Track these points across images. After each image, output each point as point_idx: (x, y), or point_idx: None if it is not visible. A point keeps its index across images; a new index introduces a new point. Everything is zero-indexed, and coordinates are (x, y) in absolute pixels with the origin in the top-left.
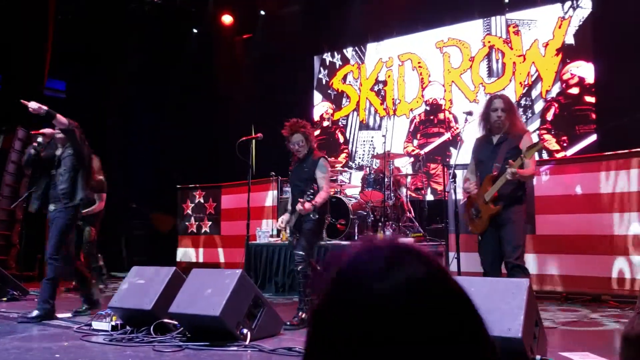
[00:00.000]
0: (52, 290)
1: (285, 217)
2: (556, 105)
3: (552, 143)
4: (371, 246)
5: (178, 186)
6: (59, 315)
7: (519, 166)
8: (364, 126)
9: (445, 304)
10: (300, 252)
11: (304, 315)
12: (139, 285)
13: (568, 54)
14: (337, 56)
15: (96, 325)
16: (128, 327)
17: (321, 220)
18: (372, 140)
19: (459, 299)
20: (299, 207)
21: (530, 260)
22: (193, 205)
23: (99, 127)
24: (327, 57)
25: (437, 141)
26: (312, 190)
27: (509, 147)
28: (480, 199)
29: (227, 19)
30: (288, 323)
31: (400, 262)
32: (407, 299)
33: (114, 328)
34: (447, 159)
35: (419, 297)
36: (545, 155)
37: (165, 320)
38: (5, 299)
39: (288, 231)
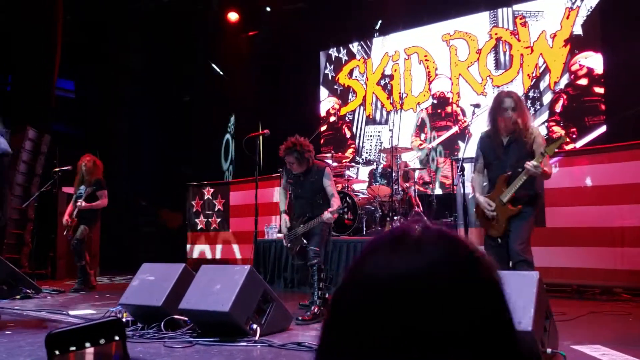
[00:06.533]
0: None
1: (287, 221)
2: (565, 96)
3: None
4: (394, 232)
5: (187, 183)
6: (71, 313)
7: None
8: (370, 121)
9: (469, 291)
10: (315, 248)
11: (316, 310)
12: (150, 282)
13: (576, 44)
14: (343, 51)
15: None
16: (139, 324)
17: (330, 223)
18: (379, 135)
19: (487, 287)
20: (326, 216)
21: (541, 253)
22: (202, 202)
23: (108, 126)
24: (333, 52)
25: (445, 135)
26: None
27: (521, 148)
28: (496, 200)
29: (232, 16)
30: (300, 318)
31: (422, 245)
32: (427, 283)
33: (124, 325)
34: (455, 153)
35: (440, 282)
36: None
37: (176, 317)
38: (18, 297)
39: (289, 239)
